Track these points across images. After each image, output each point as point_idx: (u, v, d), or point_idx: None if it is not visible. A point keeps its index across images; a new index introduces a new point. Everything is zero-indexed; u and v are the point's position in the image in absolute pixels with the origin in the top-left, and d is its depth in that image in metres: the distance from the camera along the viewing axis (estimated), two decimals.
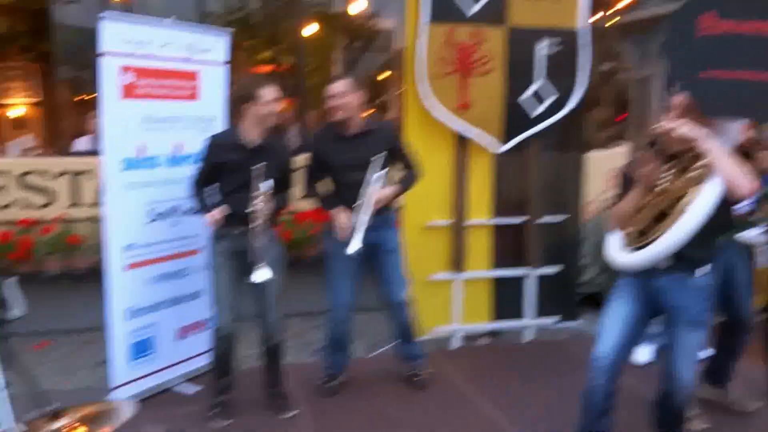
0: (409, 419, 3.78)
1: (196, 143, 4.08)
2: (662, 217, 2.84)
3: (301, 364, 4.83)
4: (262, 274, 3.46)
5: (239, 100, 3.60)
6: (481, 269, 4.95)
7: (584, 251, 5.62)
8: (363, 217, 3.74)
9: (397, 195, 3.95)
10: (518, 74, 4.68)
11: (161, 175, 3.95)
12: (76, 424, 2.11)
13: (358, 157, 3.78)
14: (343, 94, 3.76)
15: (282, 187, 3.71)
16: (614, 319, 3.03)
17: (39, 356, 5.37)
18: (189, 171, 4.06)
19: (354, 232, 3.71)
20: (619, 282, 3.12)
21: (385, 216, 3.94)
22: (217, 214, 3.53)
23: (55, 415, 2.03)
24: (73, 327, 5.94)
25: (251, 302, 3.74)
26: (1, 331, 2.75)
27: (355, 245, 3.68)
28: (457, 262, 4.82)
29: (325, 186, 4.01)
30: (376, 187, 3.78)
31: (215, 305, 3.69)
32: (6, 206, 5.73)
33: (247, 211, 3.47)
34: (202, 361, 4.37)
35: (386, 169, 3.82)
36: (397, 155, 3.94)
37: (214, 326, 3.71)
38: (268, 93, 3.54)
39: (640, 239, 2.89)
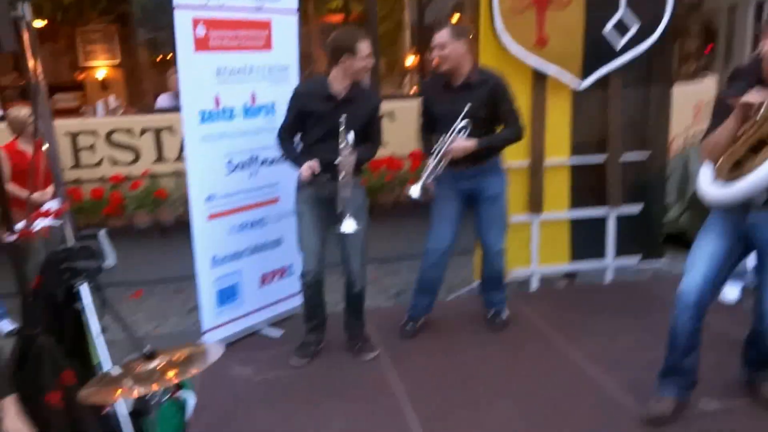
0: (487, 361, 3.80)
1: (270, 93, 4.14)
2: (759, 147, 2.65)
3: (378, 308, 4.91)
4: (348, 225, 3.51)
5: (336, 51, 3.52)
6: (560, 210, 4.84)
7: (669, 189, 5.41)
8: (430, 163, 3.76)
9: (484, 148, 3.80)
10: (598, 5, 4.45)
11: (237, 127, 4.01)
12: (168, 365, 2.20)
13: (459, 108, 3.74)
14: (444, 45, 3.70)
15: (367, 138, 3.71)
16: (703, 255, 2.90)
17: (134, 305, 5.69)
18: (265, 122, 4.14)
19: (423, 176, 3.74)
20: (709, 218, 2.98)
21: (488, 164, 3.91)
22: (314, 165, 3.52)
23: (149, 357, 2.13)
24: (163, 277, 6.24)
25: (336, 248, 3.81)
26: (97, 279, 2.89)
27: (415, 190, 3.72)
28: (536, 204, 4.73)
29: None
30: (456, 137, 3.73)
31: (301, 251, 3.78)
32: (96, 164, 6.00)
33: (333, 161, 3.48)
34: (286, 306, 4.51)
35: (466, 120, 3.73)
36: (499, 110, 3.82)
37: (301, 272, 3.81)
38: (366, 47, 3.50)
39: (733, 172, 2.72)
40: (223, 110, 3.92)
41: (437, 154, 3.76)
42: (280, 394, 3.56)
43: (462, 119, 3.72)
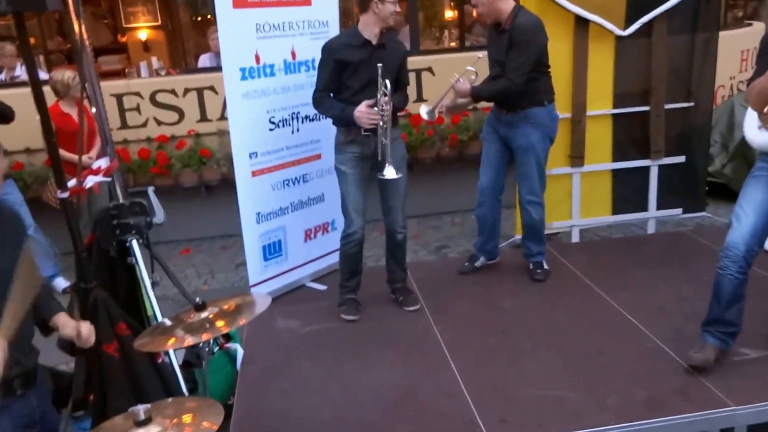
0: (528, 311, 3.82)
1: (310, 49, 4.13)
2: None
3: (420, 262, 4.97)
4: (391, 172, 3.54)
5: None
6: (602, 162, 4.77)
7: (713, 139, 5.29)
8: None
9: (480, 96, 3.96)
10: None
11: (278, 83, 4.03)
12: (218, 316, 2.29)
13: (494, 53, 3.84)
14: None
15: (398, 87, 3.72)
16: (749, 204, 2.85)
17: (183, 261, 5.88)
18: (306, 77, 4.15)
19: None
20: (755, 167, 2.91)
21: (522, 113, 3.91)
22: (370, 102, 3.50)
23: (200, 308, 2.22)
24: (210, 234, 6.41)
25: (378, 201, 3.85)
26: (147, 235, 3.00)
27: (424, 110, 4.16)
28: (577, 156, 4.67)
29: None
30: (460, 80, 3.91)
31: (347, 212, 3.80)
32: (142, 125, 6.13)
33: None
34: (329, 261, 4.59)
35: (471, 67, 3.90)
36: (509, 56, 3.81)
37: (344, 230, 3.85)
38: None
39: None
40: (263, 67, 3.94)
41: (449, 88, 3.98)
42: (325, 345, 3.66)
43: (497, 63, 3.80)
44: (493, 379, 3.16)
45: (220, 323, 2.23)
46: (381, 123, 3.51)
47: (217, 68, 6.31)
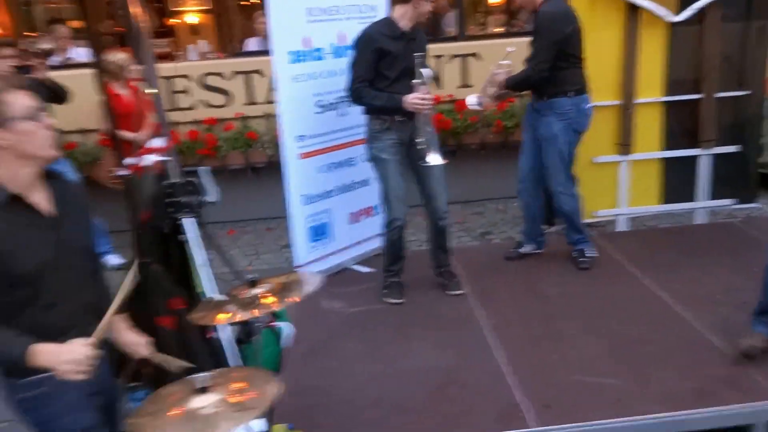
0: (572, 298, 3.81)
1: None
2: None
3: (464, 247, 4.98)
4: (436, 158, 3.57)
5: None
6: (651, 150, 4.70)
7: (765, 129, 5.15)
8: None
9: (508, 85, 3.93)
10: None
11: (327, 67, 4.08)
12: (269, 292, 2.35)
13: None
14: None
15: None
16: None
17: (228, 242, 5.99)
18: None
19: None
20: None
21: (545, 102, 3.90)
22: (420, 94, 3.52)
23: (252, 284, 2.28)
24: (255, 216, 6.52)
25: (419, 187, 3.87)
26: (201, 214, 3.08)
27: (470, 98, 4.08)
28: (626, 143, 4.61)
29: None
30: (498, 70, 3.90)
31: (388, 200, 3.81)
32: (190, 107, 6.25)
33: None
34: (373, 245, 4.64)
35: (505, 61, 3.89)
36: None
37: (386, 217, 3.87)
38: None
39: None
40: (312, 50, 3.99)
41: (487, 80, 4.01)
42: (370, 326, 3.71)
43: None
44: (537, 364, 3.17)
45: (270, 300, 2.29)
46: (424, 109, 3.54)
47: (265, 52, 6.40)
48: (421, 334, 3.56)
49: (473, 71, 6.09)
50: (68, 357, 1.80)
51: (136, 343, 2.24)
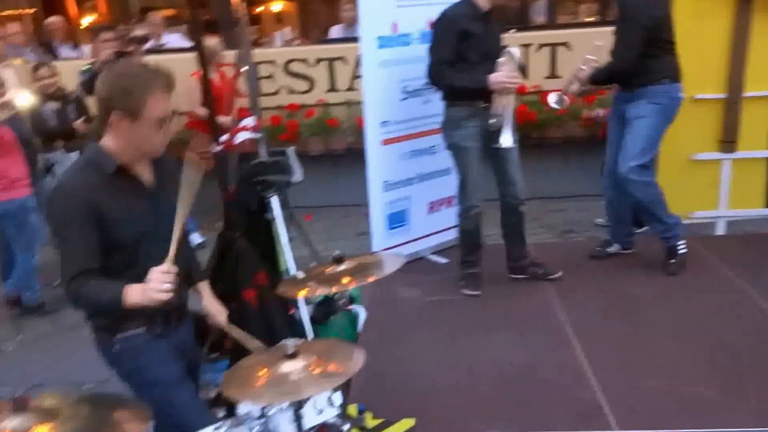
0: (659, 300, 3.64)
1: None
2: None
3: (543, 244, 4.84)
4: (506, 139, 3.49)
5: None
6: (758, 148, 4.40)
7: None
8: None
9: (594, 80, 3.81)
10: None
11: (414, 53, 4.03)
12: (351, 271, 2.34)
13: None
14: None
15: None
16: None
17: (305, 227, 6.03)
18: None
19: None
20: None
21: (636, 91, 3.74)
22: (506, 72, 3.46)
23: (338, 261, 2.27)
24: (332, 203, 6.55)
25: (495, 172, 3.79)
26: (286, 193, 3.11)
27: (552, 97, 3.90)
28: (730, 140, 4.34)
29: None
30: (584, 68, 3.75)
31: (464, 184, 3.76)
32: (274, 93, 6.34)
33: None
34: (451, 235, 4.57)
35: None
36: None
37: (463, 204, 3.81)
38: None
39: None
40: (400, 36, 3.95)
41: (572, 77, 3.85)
42: (444, 316, 3.66)
43: None
44: (622, 367, 3.04)
45: (345, 280, 2.27)
46: (505, 90, 3.47)
47: (349, 39, 6.43)
48: (499, 327, 3.48)
49: (562, 61, 5.90)
50: (153, 284, 1.85)
51: (217, 312, 2.31)
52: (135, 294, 1.88)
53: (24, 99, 4.77)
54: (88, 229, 1.92)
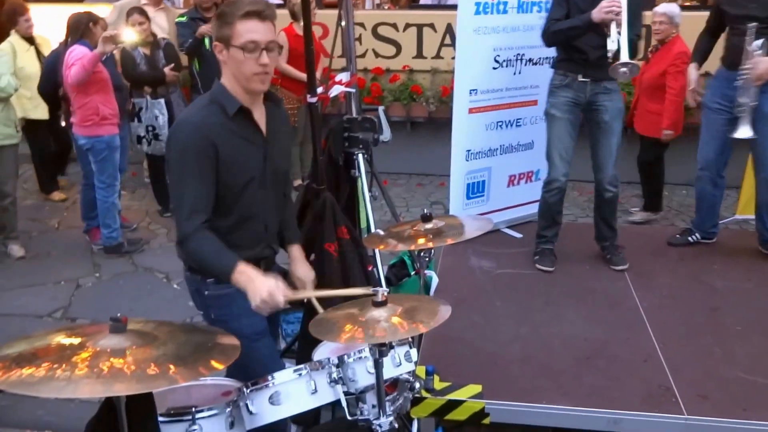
0: (741, 294, 3.54)
1: None
2: None
3: (624, 227, 4.75)
4: (743, 131, 3.51)
5: None
6: None
7: None
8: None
9: None
10: None
11: (510, 21, 3.99)
12: (432, 231, 2.38)
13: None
14: None
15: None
16: None
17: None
18: (537, 18, 4.04)
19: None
20: None
21: None
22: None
23: (426, 219, 2.32)
24: (408, 170, 6.59)
25: (591, 154, 3.73)
26: (372, 152, 3.16)
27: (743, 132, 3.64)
28: None
29: None
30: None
31: (549, 154, 3.72)
32: (361, 55, 6.37)
33: (591, 58, 3.41)
34: (528, 210, 4.54)
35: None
36: None
37: (546, 176, 3.78)
38: None
39: None
40: (497, 3, 3.91)
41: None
42: (518, 289, 3.66)
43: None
44: (695, 354, 2.99)
45: (422, 240, 2.31)
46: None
47: (440, 6, 6.40)
48: (572, 304, 3.46)
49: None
50: (265, 296, 1.89)
51: (305, 278, 2.33)
52: (244, 279, 1.93)
53: (129, 35, 4.96)
54: (208, 169, 1.98)
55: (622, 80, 3.49)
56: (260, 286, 1.90)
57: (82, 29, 4.57)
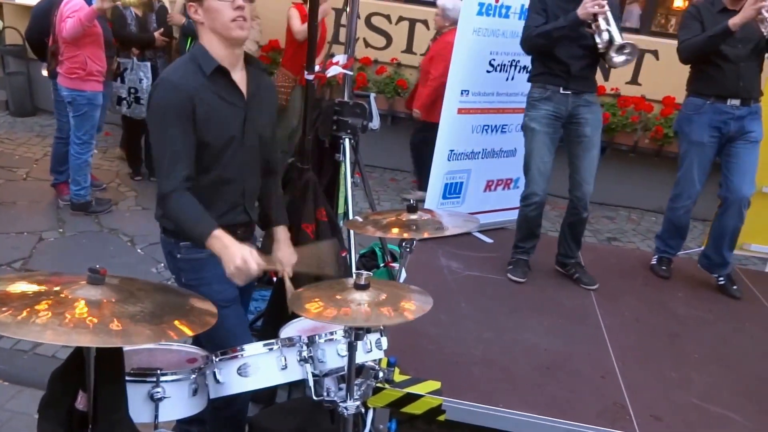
0: (702, 323, 3.61)
1: None
2: None
3: (590, 246, 4.79)
4: None
5: None
6: None
7: None
8: None
9: None
10: None
11: (509, 26, 3.99)
12: (418, 223, 2.36)
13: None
14: None
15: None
16: None
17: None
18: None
19: None
20: None
21: (756, 105, 3.68)
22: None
23: (411, 210, 2.30)
24: (383, 164, 6.57)
25: (570, 170, 3.73)
26: (359, 138, 3.13)
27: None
28: None
29: None
30: None
31: (527, 168, 3.69)
32: None
33: (569, 67, 3.42)
34: (501, 217, 4.57)
35: None
36: None
37: (524, 191, 3.75)
38: None
39: None
40: (500, 6, 3.91)
41: None
42: (484, 293, 3.67)
43: None
44: (652, 376, 3.04)
45: (395, 230, 2.29)
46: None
47: (435, 3, 6.37)
48: (536, 315, 3.49)
49: (649, 71, 5.78)
50: (239, 263, 1.88)
51: (287, 261, 2.29)
52: (219, 246, 1.92)
53: None
54: (188, 128, 1.96)
55: (621, 66, 3.45)
56: (235, 253, 1.90)
57: None
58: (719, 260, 3.96)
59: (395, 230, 2.31)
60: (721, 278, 3.97)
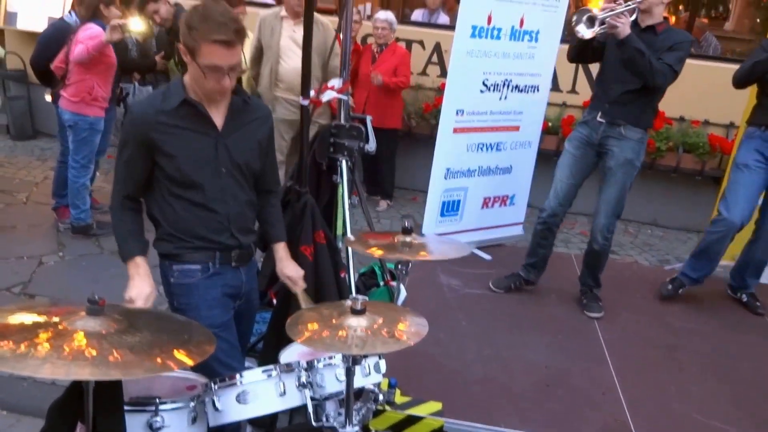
0: (701, 337, 3.62)
1: (538, 20, 4.11)
2: None
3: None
4: None
5: None
6: None
7: None
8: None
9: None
10: None
11: (501, 47, 4.04)
12: (413, 247, 2.38)
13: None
14: None
15: None
16: None
17: (352, 202, 6.08)
18: (526, 48, 4.11)
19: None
20: None
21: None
22: None
23: (406, 232, 2.32)
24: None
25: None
26: (355, 160, 3.16)
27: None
28: None
29: None
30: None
31: (552, 187, 3.69)
32: None
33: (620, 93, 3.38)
34: (499, 234, 4.59)
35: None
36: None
37: (542, 208, 3.77)
38: None
39: None
40: (492, 28, 3.96)
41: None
42: (484, 310, 3.69)
43: None
44: (652, 390, 3.05)
45: (380, 251, 2.32)
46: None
47: (431, 24, 6.44)
48: (536, 331, 3.51)
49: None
50: (127, 299, 2.04)
51: (295, 278, 2.37)
52: (131, 273, 2.08)
53: (136, 25, 4.88)
54: (136, 157, 2.06)
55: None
56: (134, 286, 2.06)
57: (94, 7, 4.47)
58: (741, 284, 4.00)
59: (378, 252, 2.34)
60: (744, 295, 3.99)
